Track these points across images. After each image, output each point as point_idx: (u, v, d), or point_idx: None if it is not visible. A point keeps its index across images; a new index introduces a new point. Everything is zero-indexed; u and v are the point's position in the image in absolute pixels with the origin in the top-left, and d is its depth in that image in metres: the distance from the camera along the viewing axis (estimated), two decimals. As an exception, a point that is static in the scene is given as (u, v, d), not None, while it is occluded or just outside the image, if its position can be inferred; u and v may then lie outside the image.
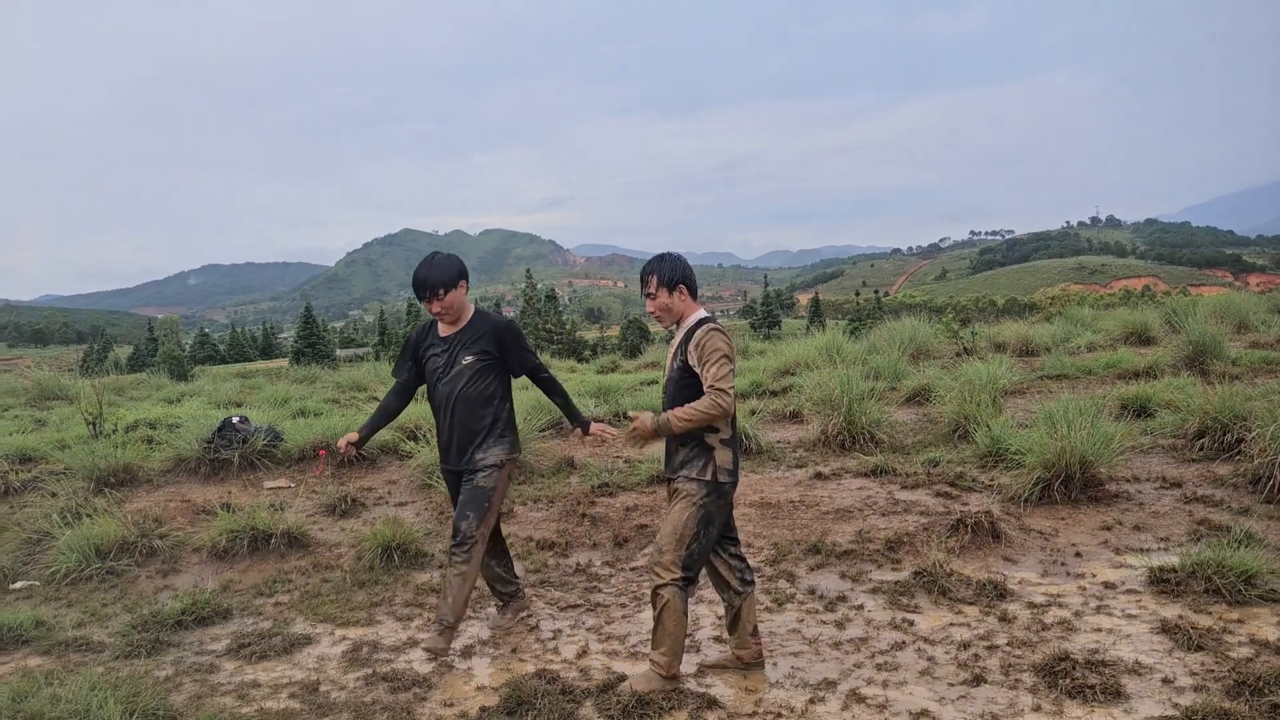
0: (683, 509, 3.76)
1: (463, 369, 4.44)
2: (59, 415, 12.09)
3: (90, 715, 3.57)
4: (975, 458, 7.11)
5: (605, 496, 6.82)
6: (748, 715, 3.61)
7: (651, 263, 3.92)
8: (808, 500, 6.43)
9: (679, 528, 3.76)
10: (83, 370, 24.02)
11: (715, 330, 3.77)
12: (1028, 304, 72.59)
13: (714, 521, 3.81)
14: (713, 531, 3.82)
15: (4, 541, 6.43)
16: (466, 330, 4.51)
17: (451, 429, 4.48)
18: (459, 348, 4.47)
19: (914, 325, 14.04)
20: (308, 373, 18.86)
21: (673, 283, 3.86)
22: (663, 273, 3.86)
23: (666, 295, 3.86)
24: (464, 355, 4.46)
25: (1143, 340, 12.53)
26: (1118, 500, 5.94)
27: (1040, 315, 20.15)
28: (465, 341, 4.47)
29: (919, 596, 4.74)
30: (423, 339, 4.62)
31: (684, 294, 3.88)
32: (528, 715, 3.63)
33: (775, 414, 9.46)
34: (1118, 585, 4.72)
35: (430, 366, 4.54)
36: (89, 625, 5.08)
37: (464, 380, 4.44)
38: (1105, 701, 3.49)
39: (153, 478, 7.81)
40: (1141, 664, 3.78)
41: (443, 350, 4.50)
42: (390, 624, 4.91)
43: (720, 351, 3.71)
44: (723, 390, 3.66)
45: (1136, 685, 3.61)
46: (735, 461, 3.84)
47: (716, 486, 3.77)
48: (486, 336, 4.49)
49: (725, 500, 3.84)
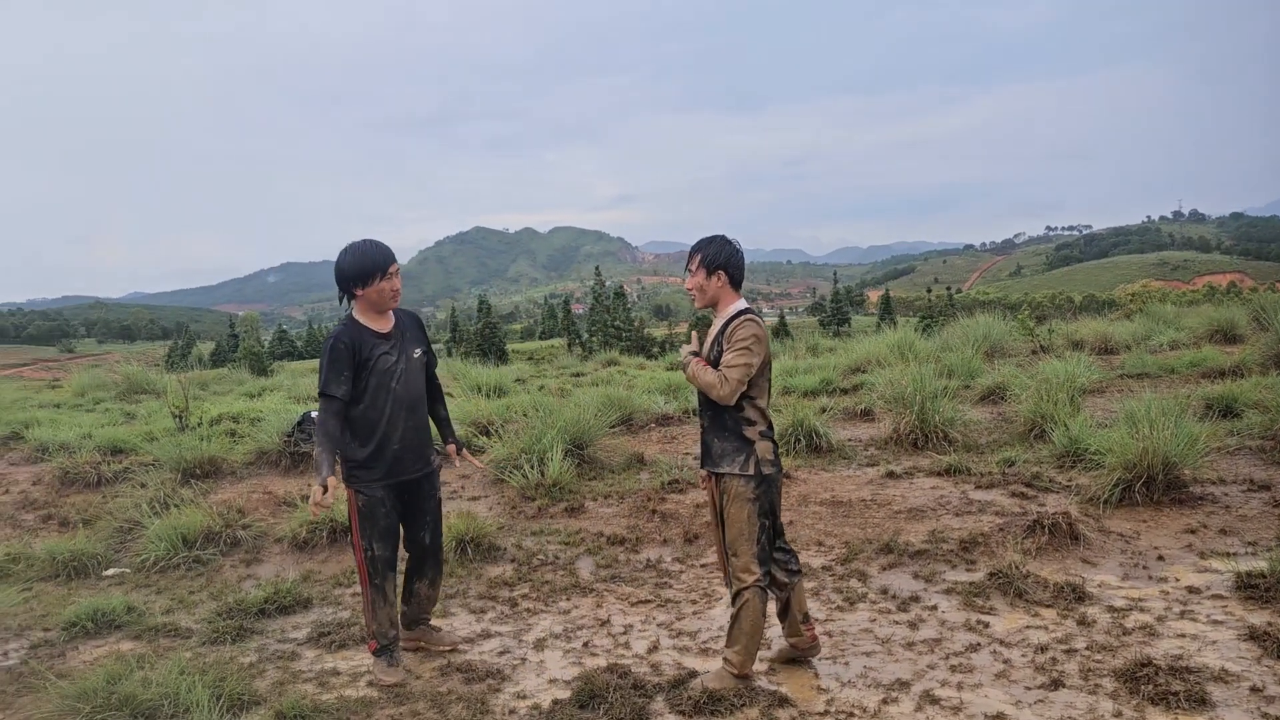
0: (740, 508, 3.77)
1: (413, 364, 4.22)
2: (147, 409, 12.53)
3: (179, 699, 3.71)
4: (1052, 458, 6.97)
5: (675, 493, 6.84)
6: (819, 714, 3.60)
7: (702, 241, 3.90)
8: (879, 499, 6.36)
9: (744, 527, 3.76)
10: (168, 365, 24.85)
11: (749, 320, 3.74)
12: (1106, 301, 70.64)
13: (772, 511, 3.82)
14: (773, 521, 3.84)
15: (97, 530, 6.70)
16: (401, 323, 4.26)
17: (415, 432, 4.22)
18: (405, 342, 4.22)
19: (988, 322, 13.79)
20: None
21: (713, 266, 3.83)
22: (707, 254, 3.84)
23: (704, 277, 3.84)
24: (413, 349, 4.24)
25: (1228, 338, 12.12)
26: (1202, 503, 5.76)
27: (1120, 312, 19.62)
28: (406, 335, 4.24)
29: (994, 598, 4.66)
30: (359, 343, 4.10)
31: (722, 280, 3.84)
32: (600, 709, 3.67)
33: (846, 412, 9.38)
34: (1202, 590, 4.58)
35: (381, 366, 4.11)
36: (177, 612, 5.27)
37: (415, 377, 4.23)
38: (1190, 709, 3.40)
39: (236, 470, 8.05)
40: (1228, 671, 3.67)
41: (391, 347, 4.16)
42: (464, 616, 4.99)
43: (744, 341, 3.68)
44: (727, 378, 3.66)
45: (1223, 693, 3.51)
46: (776, 451, 3.84)
47: (764, 478, 3.77)
48: (416, 329, 4.34)
49: (775, 488, 3.84)
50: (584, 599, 5.16)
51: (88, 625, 4.94)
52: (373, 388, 4.10)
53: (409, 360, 4.20)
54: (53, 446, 8.99)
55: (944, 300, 78.22)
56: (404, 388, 4.16)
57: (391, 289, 4.12)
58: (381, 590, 4.18)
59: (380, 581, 4.18)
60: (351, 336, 4.09)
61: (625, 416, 9.45)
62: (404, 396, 4.16)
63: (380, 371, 4.10)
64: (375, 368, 4.09)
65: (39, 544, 6.41)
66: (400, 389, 4.15)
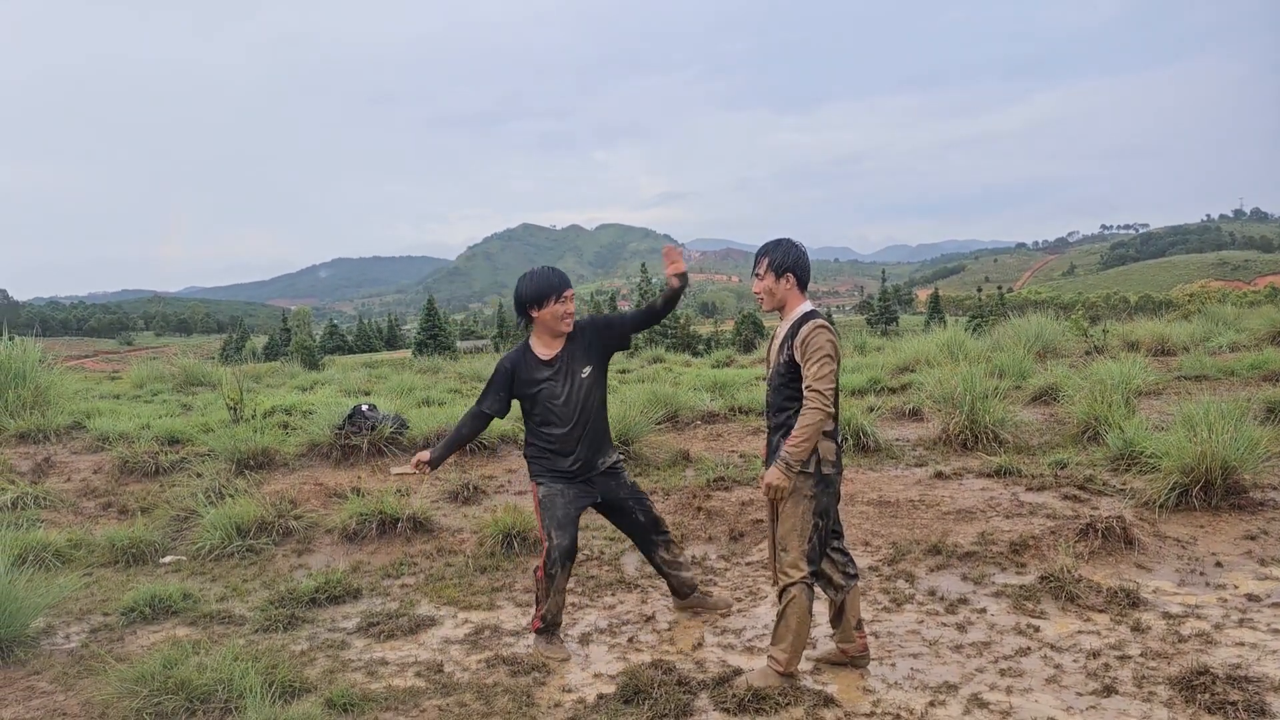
0: (795, 504, 3.75)
1: (579, 383, 4.40)
2: (203, 401, 12.78)
3: (233, 684, 3.79)
4: (1106, 460, 6.84)
5: (720, 490, 6.83)
6: (865, 715, 3.57)
7: (768, 244, 3.91)
8: (928, 500, 6.29)
9: (796, 523, 3.75)
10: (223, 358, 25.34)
11: (822, 328, 3.72)
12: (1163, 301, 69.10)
13: (827, 512, 3.79)
14: (827, 524, 3.81)
15: (155, 518, 6.85)
16: (573, 342, 4.45)
17: (591, 437, 4.45)
18: (574, 362, 4.41)
19: (1040, 322, 13.57)
20: (431, 363, 19.43)
21: (782, 269, 3.84)
22: (775, 257, 3.85)
23: (773, 280, 3.85)
24: (581, 369, 4.41)
25: (1292, 340, 11.80)
26: (1263, 509, 5.62)
27: (1177, 313, 19.18)
28: (575, 355, 4.42)
29: (1045, 602, 4.59)
30: (520, 371, 4.44)
31: (791, 282, 3.85)
32: (644, 704, 3.67)
33: (894, 411, 9.28)
34: (1262, 598, 4.48)
35: (545, 395, 4.39)
36: (231, 599, 5.38)
37: (582, 394, 4.40)
38: (1248, 719, 3.32)
39: (288, 461, 8.18)
40: (1289, 682, 3.58)
41: (555, 373, 4.40)
42: (510, 609, 5.03)
43: (823, 350, 3.67)
44: (819, 392, 3.63)
45: (1283, 704, 3.42)
46: (838, 452, 3.81)
47: (823, 478, 3.75)
48: (591, 341, 4.48)
49: (834, 490, 3.82)
50: (629, 595, 5.17)
51: (145, 611, 5.05)
52: (541, 410, 4.42)
53: (574, 380, 4.40)
54: (113, 436, 9.20)
55: (994, 299, 77.09)
56: (569, 408, 4.38)
57: (565, 312, 4.37)
58: (552, 577, 4.36)
59: (554, 570, 4.35)
60: (513, 361, 4.46)
61: (671, 413, 9.45)
62: (569, 415, 4.39)
63: (544, 399, 4.39)
64: (539, 396, 4.40)
65: (99, 531, 6.57)
66: (564, 409, 4.38)
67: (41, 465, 8.36)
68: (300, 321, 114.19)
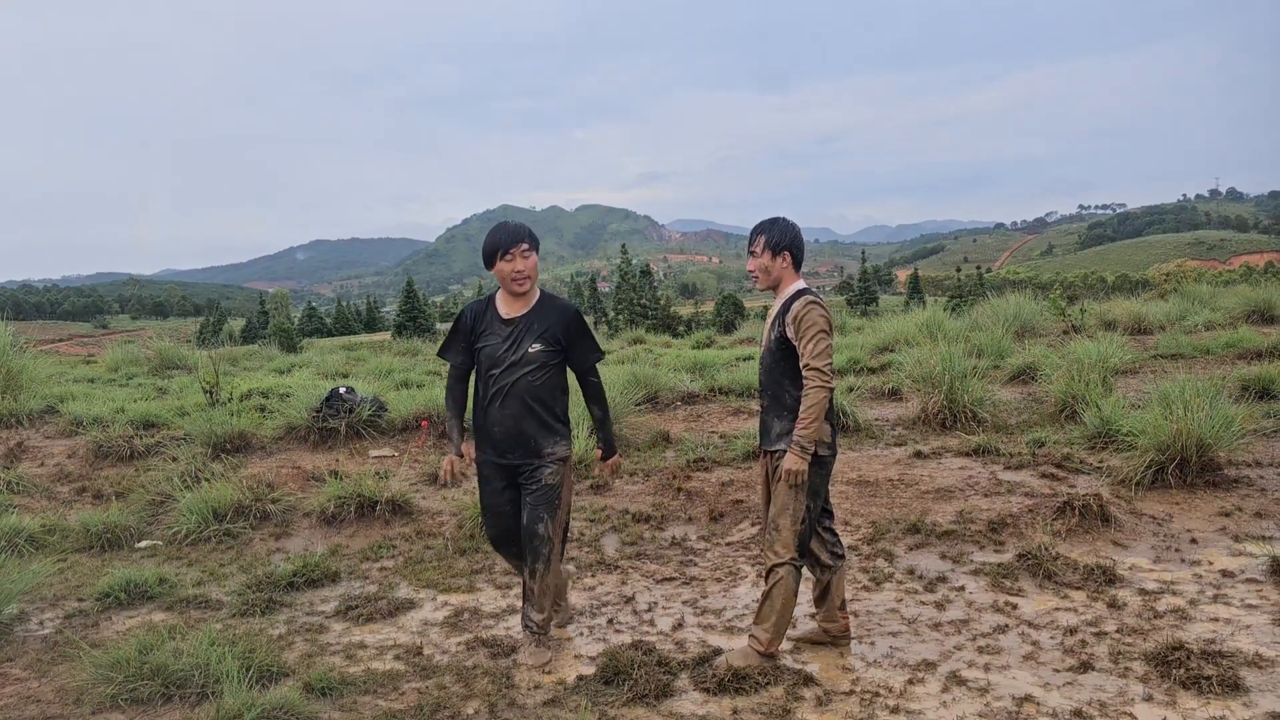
0: (789, 485, 3.75)
1: (526, 357, 4.01)
2: (179, 384, 12.65)
3: (210, 669, 3.75)
4: (1083, 439, 6.89)
5: (701, 471, 6.83)
6: (844, 693, 3.59)
7: (764, 223, 3.90)
8: (907, 479, 6.32)
9: (789, 503, 3.74)
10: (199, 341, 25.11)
11: (814, 303, 3.72)
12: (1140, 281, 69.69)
13: (819, 494, 3.80)
14: (818, 504, 3.82)
15: (130, 503, 6.78)
16: (539, 313, 4.09)
17: (514, 420, 4.04)
18: (528, 334, 4.04)
19: (1018, 302, 13.64)
20: (410, 345, 19.36)
21: (778, 247, 3.84)
22: (772, 235, 3.84)
23: (770, 258, 3.84)
24: (531, 343, 4.02)
25: (1265, 319, 11.93)
26: (1238, 486, 5.68)
27: (1154, 292, 19.33)
28: (534, 328, 4.05)
29: (1023, 579, 4.62)
30: (478, 323, 4.12)
31: (787, 261, 3.85)
32: (624, 685, 3.67)
33: (874, 391, 9.32)
34: (1236, 574, 4.52)
35: (488, 351, 4.06)
36: (207, 584, 5.33)
37: (524, 370, 4.02)
38: (1222, 694, 3.35)
39: (265, 445, 8.12)
40: (1263, 656, 3.62)
41: (509, 334, 4.04)
42: (490, 591, 5.02)
43: (818, 326, 3.66)
44: (819, 369, 3.63)
45: (1257, 678, 3.46)
46: (834, 434, 3.82)
47: (818, 460, 3.74)
48: (557, 325, 4.08)
49: (827, 472, 3.83)
50: (609, 576, 5.17)
51: (121, 596, 5.00)
52: (480, 369, 4.12)
53: (519, 350, 4.01)
54: (87, 420, 9.10)
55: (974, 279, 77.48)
56: (507, 376, 4.02)
57: (514, 270, 3.99)
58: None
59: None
60: (474, 312, 4.17)
61: (651, 394, 9.45)
62: (503, 386, 4.02)
63: (485, 356, 4.07)
64: (482, 353, 4.09)
65: (74, 516, 6.50)
66: (501, 376, 4.03)
67: (14, 450, 8.26)
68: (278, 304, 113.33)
